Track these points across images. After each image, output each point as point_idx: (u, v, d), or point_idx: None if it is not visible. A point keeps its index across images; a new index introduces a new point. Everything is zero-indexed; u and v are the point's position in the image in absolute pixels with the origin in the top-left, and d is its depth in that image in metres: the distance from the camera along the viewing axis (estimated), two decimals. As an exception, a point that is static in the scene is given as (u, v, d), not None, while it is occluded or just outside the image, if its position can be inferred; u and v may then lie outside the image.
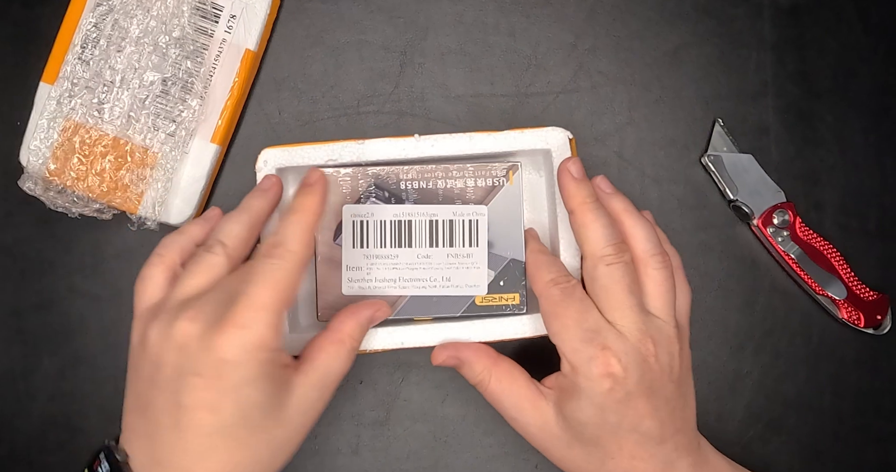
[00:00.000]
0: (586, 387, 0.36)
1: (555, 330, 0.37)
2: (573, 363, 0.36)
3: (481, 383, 0.39)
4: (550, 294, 0.37)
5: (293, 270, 0.35)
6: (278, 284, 0.34)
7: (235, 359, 0.32)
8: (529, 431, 0.39)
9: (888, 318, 0.47)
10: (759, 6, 0.50)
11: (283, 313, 0.34)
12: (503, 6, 0.49)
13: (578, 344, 0.36)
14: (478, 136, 0.43)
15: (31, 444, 0.47)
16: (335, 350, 0.36)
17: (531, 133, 0.43)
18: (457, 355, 0.40)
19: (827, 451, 0.48)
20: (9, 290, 0.48)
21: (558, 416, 0.37)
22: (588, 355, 0.35)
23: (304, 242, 0.36)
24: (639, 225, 0.39)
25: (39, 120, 0.45)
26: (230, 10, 0.46)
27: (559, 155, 0.43)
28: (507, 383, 0.39)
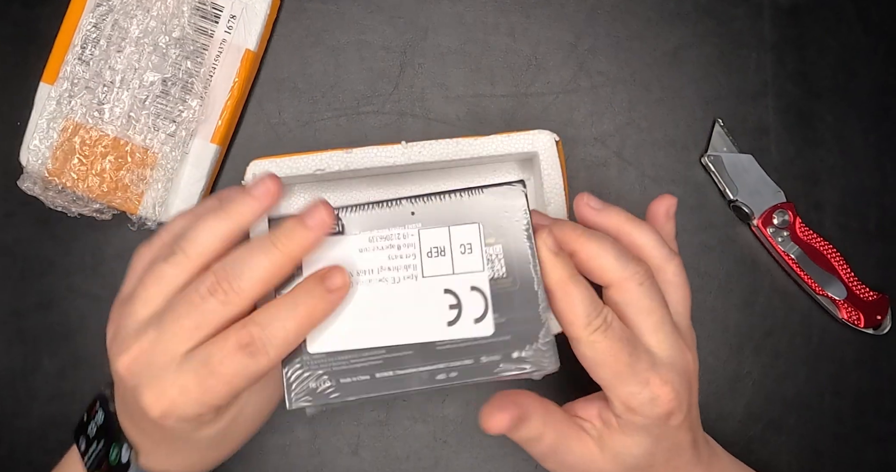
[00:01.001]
0: (645, 425, 0.34)
1: (605, 377, 0.33)
2: (631, 405, 0.33)
3: (539, 437, 0.34)
4: (593, 342, 0.33)
5: (258, 375, 0.31)
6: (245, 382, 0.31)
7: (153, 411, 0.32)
8: (572, 466, 0.36)
9: (888, 318, 0.47)
10: (759, 6, 0.50)
11: (228, 401, 0.32)
12: (503, 6, 0.49)
13: (636, 388, 0.33)
14: (464, 141, 0.43)
15: (31, 444, 0.47)
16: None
17: (518, 136, 0.43)
18: (517, 415, 0.33)
19: (827, 451, 0.48)
20: (9, 290, 0.48)
21: (605, 449, 0.35)
22: (649, 397, 0.33)
23: (283, 351, 0.31)
24: (644, 233, 0.36)
25: (39, 120, 0.45)
26: (230, 10, 0.46)
27: (546, 157, 0.43)
28: (558, 432, 0.35)
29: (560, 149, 0.43)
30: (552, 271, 0.33)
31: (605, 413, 0.35)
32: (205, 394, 0.30)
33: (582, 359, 0.33)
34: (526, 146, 0.43)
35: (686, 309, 0.37)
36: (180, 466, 0.36)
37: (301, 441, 0.47)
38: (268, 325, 0.30)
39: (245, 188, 0.33)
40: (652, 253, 0.36)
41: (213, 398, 0.31)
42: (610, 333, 0.33)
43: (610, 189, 0.48)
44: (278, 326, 0.30)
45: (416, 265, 0.34)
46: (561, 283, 0.33)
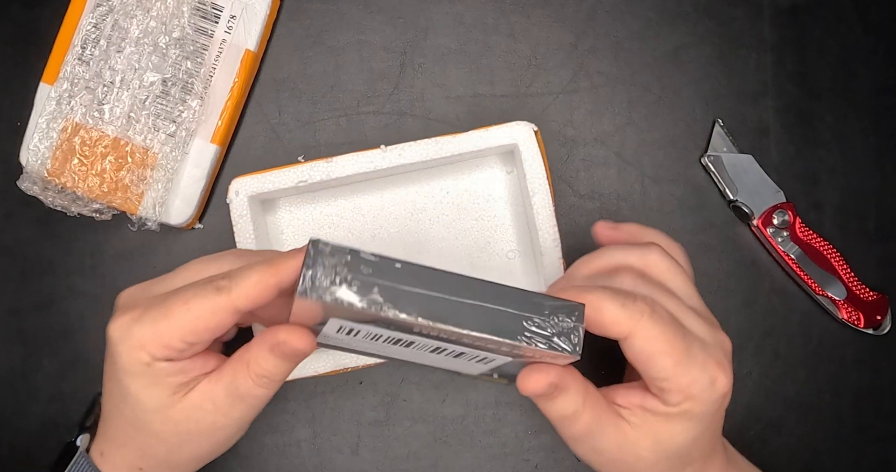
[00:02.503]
0: (702, 411, 0.33)
1: (665, 369, 0.32)
2: (692, 393, 0.33)
3: (575, 416, 0.33)
4: (645, 330, 0.32)
5: (220, 308, 0.32)
6: (199, 312, 0.32)
7: (113, 343, 0.34)
8: (605, 452, 0.35)
9: (888, 318, 0.47)
10: (759, 6, 0.50)
11: (183, 339, 0.32)
12: (503, 6, 0.49)
13: (698, 374, 0.32)
14: (443, 139, 0.43)
15: (31, 444, 0.47)
16: (238, 368, 0.34)
17: (496, 130, 0.43)
18: (556, 381, 0.32)
19: (827, 451, 0.48)
20: (9, 290, 0.48)
21: (646, 437, 0.34)
22: (709, 381, 0.33)
23: (251, 294, 0.32)
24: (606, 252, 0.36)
25: (39, 120, 0.45)
26: (230, 10, 0.46)
27: (526, 148, 0.43)
28: (595, 413, 0.34)
29: (539, 139, 0.43)
30: (564, 293, 0.32)
31: (650, 402, 0.34)
32: (165, 316, 0.32)
33: (637, 357, 0.32)
34: (505, 139, 0.43)
35: (692, 290, 0.37)
36: (126, 458, 0.36)
37: (301, 441, 0.47)
38: (238, 273, 0.32)
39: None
40: (629, 259, 0.36)
41: (173, 325, 0.32)
42: (657, 316, 0.32)
43: (610, 189, 0.48)
44: (247, 273, 0.32)
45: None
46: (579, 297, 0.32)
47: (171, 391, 0.34)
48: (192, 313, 0.32)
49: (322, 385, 0.47)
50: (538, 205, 0.43)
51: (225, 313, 0.32)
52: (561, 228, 0.44)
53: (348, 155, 0.43)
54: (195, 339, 0.33)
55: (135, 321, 0.33)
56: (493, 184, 0.47)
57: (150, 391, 0.34)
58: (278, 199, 0.46)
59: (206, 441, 0.36)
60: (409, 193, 0.47)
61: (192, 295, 0.32)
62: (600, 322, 0.32)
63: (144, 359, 0.33)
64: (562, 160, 0.49)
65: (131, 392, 0.34)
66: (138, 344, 0.33)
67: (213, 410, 0.34)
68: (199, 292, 0.32)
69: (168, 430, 0.35)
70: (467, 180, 0.47)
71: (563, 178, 0.48)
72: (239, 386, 0.34)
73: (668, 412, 0.33)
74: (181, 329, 0.32)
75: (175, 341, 0.32)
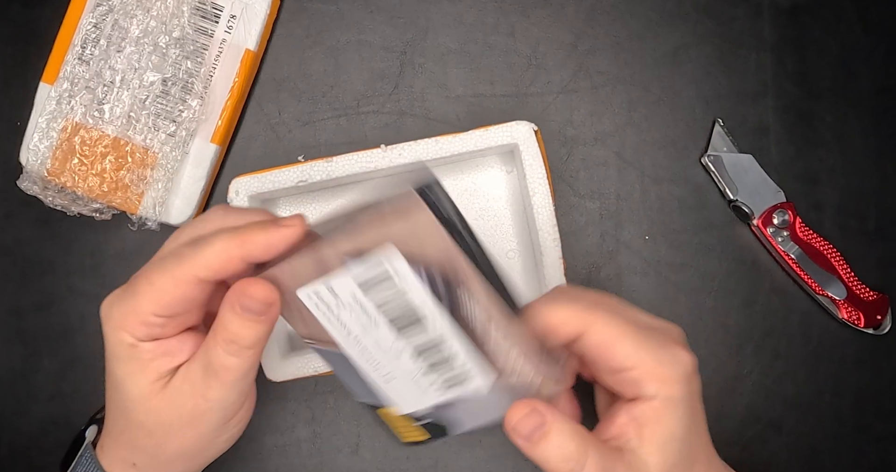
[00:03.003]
0: (680, 394, 0.32)
1: (629, 351, 0.32)
2: (663, 374, 0.32)
3: (579, 459, 0.31)
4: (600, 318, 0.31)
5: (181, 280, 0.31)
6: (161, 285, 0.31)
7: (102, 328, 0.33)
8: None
9: (888, 318, 0.47)
10: (759, 6, 0.50)
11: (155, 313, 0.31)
12: (503, 6, 0.49)
13: (660, 353, 0.32)
14: (443, 139, 0.43)
15: (31, 444, 0.47)
16: (209, 339, 0.32)
17: (496, 129, 0.43)
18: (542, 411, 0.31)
19: (827, 451, 0.48)
20: (9, 290, 0.48)
21: (648, 452, 0.32)
22: (672, 358, 0.32)
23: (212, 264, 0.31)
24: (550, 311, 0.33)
25: (39, 120, 0.45)
26: (230, 10, 0.46)
27: (526, 148, 0.43)
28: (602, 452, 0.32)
29: (539, 138, 0.43)
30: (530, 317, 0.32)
31: (634, 410, 0.32)
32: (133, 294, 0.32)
33: (599, 349, 0.32)
34: (505, 138, 0.43)
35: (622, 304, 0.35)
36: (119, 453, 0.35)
37: (301, 441, 0.47)
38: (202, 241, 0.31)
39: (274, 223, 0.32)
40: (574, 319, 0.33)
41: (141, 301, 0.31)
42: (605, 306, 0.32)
43: (610, 189, 0.48)
44: (211, 241, 0.31)
45: None
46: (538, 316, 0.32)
47: (154, 377, 0.33)
48: (154, 287, 0.31)
49: (322, 385, 0.47)
50: (538, 204, 0.43)
51: (187, 285, 0.31)
52: (561, 228, 0.44)
53: (348, 155, 0.43)
54: (167, 312, 0.31)
55: (114, 301, 0.32)
56: (493, 183, 0.47)
57: (133, 378, 0.33)
58: (278, 198, 0.46)
59: (191, 431, 0.34)
60: None
61: (154, 269, 0.31)
62: (554, 325, 0.31)
63: (127, 340, 0.32)
64: (562, 160, 0.49)
65: (118, 379, 0.33)
66: (119, 324, 0.32)
67: (191, 392, 0.32)
68: (160, 265, 0.31)
69: (152, 420, 0.33)
70: (467, 180, 0.47)
71: (563, 178, 0.48)
72: (211, 359, 0.32)
73: (655, 408, 0.32)
74: (150, 304, 0.31)
75: (148, 316, 0.31)
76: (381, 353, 0.32)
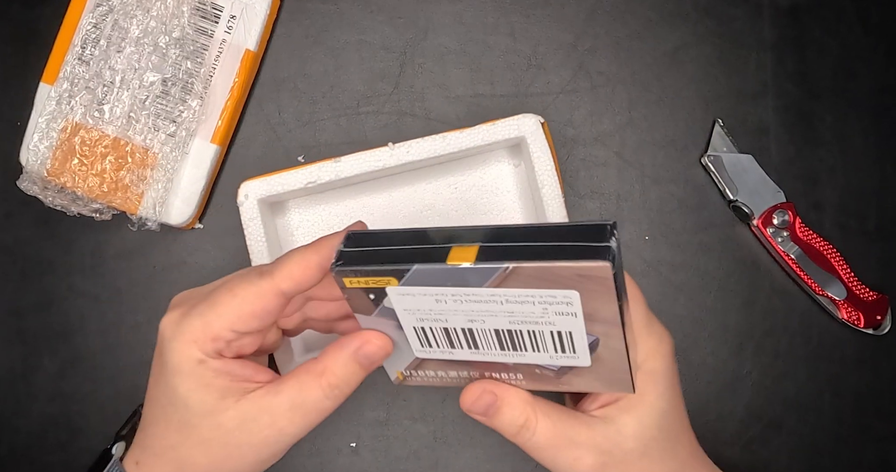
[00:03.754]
0: (662, 368, 0.33)
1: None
2: (647, 347, 0.33)
3: (527, 425, 0.33)
4: None
5: (265, 292, 0.32)
6: (245, 297, 0.32)
7: (164, 340, 0.33)
8: (598, 460, 0.33)
9: (888, 318, 0.47)
10: (759, 6, 0.50)
11: (232, 327, 0.32)
12: (503, 6, 0.49)
13: (644, 331, 0.34)
14: (451, 134, 0.43)
15: (31, 444, 0.47)
16: (307, 380, 0.33)
17: (503, 123, 0.43)
18: (493, 390, 0.33)
19: (827, 451, 0.48)
20: (9, 290, 0.48)
21: (626, 425, 0.33)
22: (657, 333, 0.34)
23: (294, 274, 0.32)
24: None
25: (39, 120, 0.45)
26: (230, 10, 0.46)
27: (534, 141, 0.43)
28: (556, 417, 0.33)
29: (547, 130, 0.43)
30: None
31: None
32: (212, 306, 0.32)
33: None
34: (512, 132, 0.43)
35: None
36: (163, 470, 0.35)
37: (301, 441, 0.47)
38: (280, 258, 0.33)
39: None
40: None
41: (220, 314, 0.32)
42: None
43: (610, 189, 0.48)
44: (289, 255, 0.32)
45: None
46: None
47: (221, 395, 0.33)
48: (238, 299, 0.32)
49: (322, 385, 0.47)
50: (548, 196, 0.43)
51: (270, 296, 0.32)
52: (561, 228, 0.44)
53: (356, 154, 0.43)
54: (243, 327, 0.32)
55: (184, 316, 0.33)
56: (501, 178, 0.47)
57: (199, 394, 0.33)
58: (287, 200, 0.46)
59: (253, 456, 0.34)
60: (417, 190, 0.47)
61: (237, 282, 0.32)
62: None
63: (197, 355, 0.32)
64: (562, 160, 0.49)
65: (180, 394, 0.33)
66: (190, 339, 0.32)
67: (270, 423, 0.33)
68: (245, 278, 0.32)
69: (217, 439, 0.33)
70: (475, 175, 0.47)
71: (563, 178, 0.48)
72: (306, 398, 0.33)
73: (637, 386, 0.33)
74: (229, 317, 0.32)
75: (224, 330, 0.32)
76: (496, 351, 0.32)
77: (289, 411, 0.33)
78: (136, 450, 0.36)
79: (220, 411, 0.33)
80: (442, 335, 0.32)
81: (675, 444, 0.35)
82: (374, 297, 0.30)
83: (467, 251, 0.28)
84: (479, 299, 0.29)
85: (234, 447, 0.33)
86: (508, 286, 0.28)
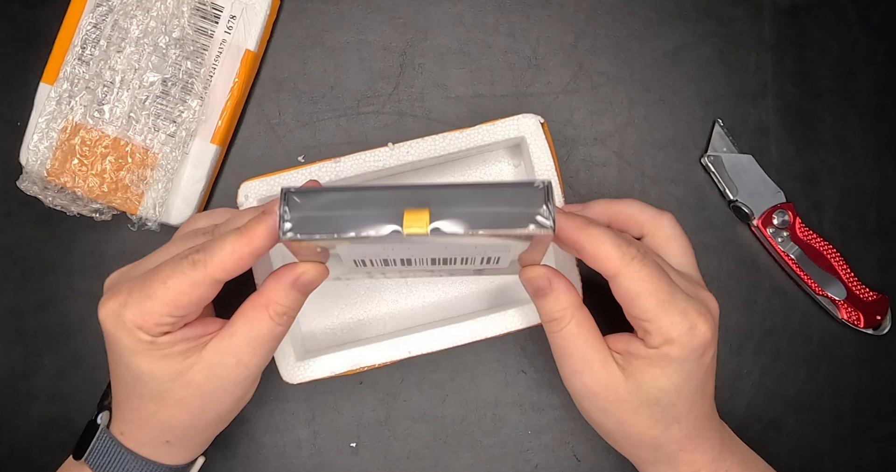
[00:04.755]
0: (680, 356, 0.35)
1: (648, 308, 0.34)
2: (671, 336, 0.35)
3: (560, 320, 0.36)
4: (634, 271, 0.34)
5: (199, 283, 0.33)
6: (179, 288, 0.33)
7: (109, 329, 0.35)
8: (592, 388, 0.36)
9: (888, 318, 0.47)
10: (759, 6, 0.50)
11: (170, 314, 0.34)
12: (503, 6, 0.49)
13: (677, 318, 0.34)
14: (450, 135, 0.43)
15: (31, 444, 0.47)
16: (255, 315, 0.35)
17: (502, 123, 0.43)
18: (551, 277, 0.35)
19: (827, 451, 0.48)
20: (9, 290, 0.48)
21: (629, 380, 0.36)
22: (689, 326, 0.35)
23: (227, 265, 0.33)
24: (627, 203, 0.39)
25: (39, 120, 0.45)
26: (230, 10, 0.46)
27: (534, 140, 0.43)
28: (585, 331, 0.36)
29: (546, 130, 0.43)
30: (570, 223, 0.34)
31: (634, 345, 0.36)
32: (148, 297, 0.33)
33: (624, 295, 0.34)
34: (512, 132, 0.43)
35: (691, 258, 0.39)
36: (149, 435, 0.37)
37: (301, 441, 0.47)
38: (212, 245, 0.33)
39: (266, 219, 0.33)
40: (643, 216, 0.39)
41: (157, 304, 0.33)
42: (647, 260, 0.34)
43: (610, 189, 0.48)
44: (220, 245, 0.33)
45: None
46: (581, 229, 0.34)
47: (183, 357, 0.35)
48: (172, 291, 0.33)
49: (322, 385, 0.47)
50: None
51: (204, 286, 0.33)
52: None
53: (356, 154, 0.43)
54: (181, 312, 0.34)
55: (123, 306, 0.34)
56: (501, 178, 0.47)
57: (161, 364, 0.35)
58: None
59: (228, 396, 0.37)
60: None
61: (169, 273, 0.33)
62: (596, 255, 0.34)
63: (145, 338, 0.34)
64: (562, 160, 0.49)
65: (143, 370, 0.35)
66: (133, 326, 0.34)
67: (235, 363, 0.35)
68: (177, 269, 0.33)
69: (191, 394, 0.36)
70: (475, 175, 0.47)
71: (563, 178, 0.48)
72: (260, 330, 0.35)
73: (649, 355, 0.35)
74: (166, 306, 0.33)
75: (163, 317, 0.34)
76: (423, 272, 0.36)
77: (248, 346, 0.35)
78: (119, 422, 0.38)
79: (187, 369, 0.35)
80: (380, 262, 0.34)
81: (673, 422, 0.37)
82: (320, 250, 0.32)
83: (420, 217, 0.30)
84: (425, 246, 0.32)
85: (210, 394, 0.36)
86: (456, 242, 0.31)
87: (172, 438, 0.38)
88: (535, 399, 0.47)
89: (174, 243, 0.37)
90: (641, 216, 0.39)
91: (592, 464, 0.47)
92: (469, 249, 0.32)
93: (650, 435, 0.37)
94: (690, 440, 0.37)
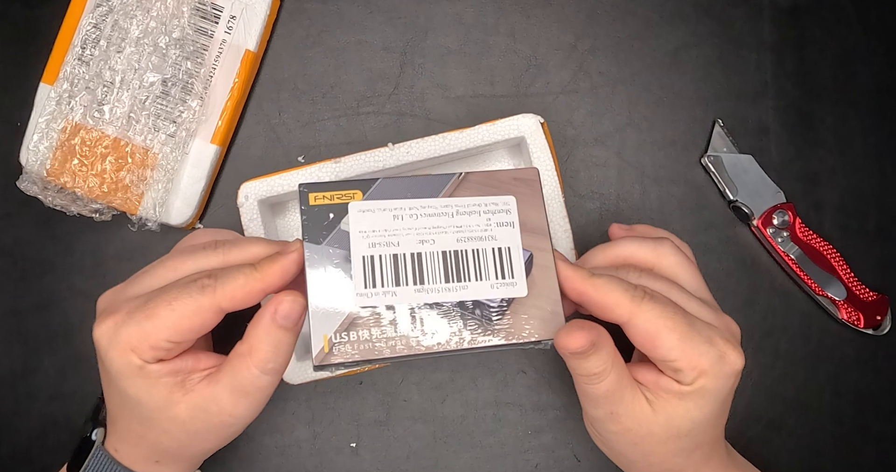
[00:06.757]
0: (714, 387, 0.34)
1: (671, 345, 0.33)
2: (703, 367, 0.33)
3: (601, 374, 0.34)
4: (646, 311, 0.33)
5: (204, 308, 0.32)
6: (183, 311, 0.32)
7: (101, 349, 0.34)
8: (626, 425, 0.35)
9: (888, 318, 0.48)
10: (759, 6, 0.50)
11: (169, 338, 0.33)
12: (503, 6, 0.49)
13: (704, 347, 0.33)
14: (450, 135, 0.43)
15: (31, 444, 0.47)
16: (238, 363, 0.33)
17: (502, 123, 0.43)
18: (595, 338, 0.33)
19: (827, 451, 0.48)
20: (9, 290, 0.48)
21: (659, 415, 0.35)
22: (718, 355, 0.34)
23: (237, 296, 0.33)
24: (622, 243, 0.38)
25: (39, 120, 0.45)
26: (230, 10, 0.46)
27: (534, 140, 0.43)
28: (624, 377, 0.34)
29: (546, 130, 0.43)
30: (575, 275, 0.34)
31: (665, 381, 0.35)
32: (149, 317, 0.32)
33: (644, 337, 0.33)
34: (512, 132, 0.43)
35: (700, 282, 0.38)
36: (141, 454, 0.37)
37: (301, 441, 0.47)
38: (224, 273, 0.33)
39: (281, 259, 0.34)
40: (642, 253, 0.38)
41: (158, 326, 0.32)
42: (657, 299, 0.33)
43: (610, 189, 0.48)
44: (234, 275, 0.33)
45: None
46: (587, 281, 0.34)
47: (168, 391, 0.34)
48: (177, 313, 0.32)
49: (322, 385, 0.47)
50: (548, 196, 0.43)
51: (209, 313, 0.32)
52: (561, 228, 0.44)
53: (356, 155, 0.43)
54: (180, 338, 0.33)
55: (119, 325, 0.33)
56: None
57: (148, 392, 0.34)
58: (287, 201, 0.46)
59: (213, 437, 0.36)
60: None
61: (175, 295, 0.32)
62: (605, 304, 0.33)
63: (136, 362, 0.33)
64: (562, 160, 0.49)
65: (131, 395, 0.34)
66: (127, 347, 0.33)
67: (218, 411, 0.34)
68: (184, 292, 0.32)
69: (176, 429, 0.35)
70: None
71: (563, 178, 0.48)
72: (242, 380, 0.33)
73: (683, 391, 0.34)
74: (166, 329, 0.32)
75: (161, 341, 0.33)
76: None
77: (231, 396, 0.34)
78: (113, 438, 0.38)
79: (172, 405, 0.34)
80: (390, 266, 0.33)
81: (696, 448, 0.36)
82: (333, 216, 0.32)
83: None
84: (434, 212, 0.32)
85: (194, 433, 0.35)
86: (459, 195, 0.31)
87: (161, 459, 0.37)
88: (535, 399, 0.47)
89: (172, 256, 0.36)
90: (640, 253, 0.38)
91: (592, 464, 0.47)
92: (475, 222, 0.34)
93: (674, 462, 0.36)
94: (707, 461, 0.37)
